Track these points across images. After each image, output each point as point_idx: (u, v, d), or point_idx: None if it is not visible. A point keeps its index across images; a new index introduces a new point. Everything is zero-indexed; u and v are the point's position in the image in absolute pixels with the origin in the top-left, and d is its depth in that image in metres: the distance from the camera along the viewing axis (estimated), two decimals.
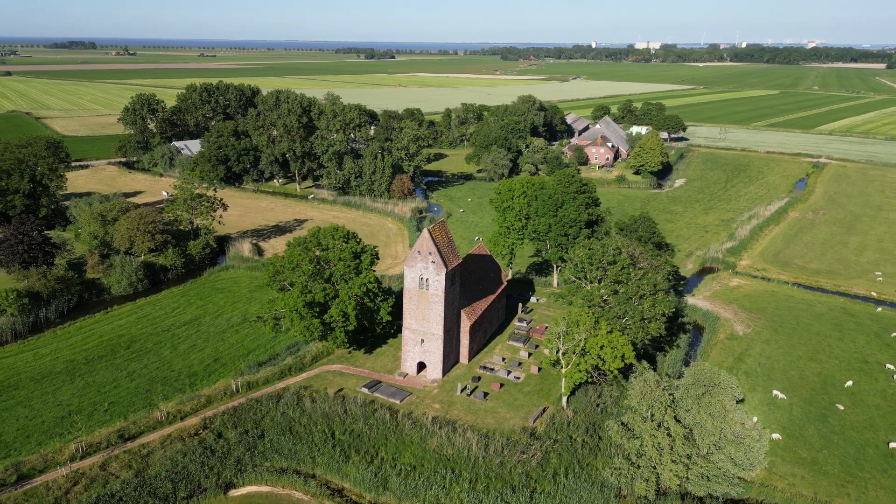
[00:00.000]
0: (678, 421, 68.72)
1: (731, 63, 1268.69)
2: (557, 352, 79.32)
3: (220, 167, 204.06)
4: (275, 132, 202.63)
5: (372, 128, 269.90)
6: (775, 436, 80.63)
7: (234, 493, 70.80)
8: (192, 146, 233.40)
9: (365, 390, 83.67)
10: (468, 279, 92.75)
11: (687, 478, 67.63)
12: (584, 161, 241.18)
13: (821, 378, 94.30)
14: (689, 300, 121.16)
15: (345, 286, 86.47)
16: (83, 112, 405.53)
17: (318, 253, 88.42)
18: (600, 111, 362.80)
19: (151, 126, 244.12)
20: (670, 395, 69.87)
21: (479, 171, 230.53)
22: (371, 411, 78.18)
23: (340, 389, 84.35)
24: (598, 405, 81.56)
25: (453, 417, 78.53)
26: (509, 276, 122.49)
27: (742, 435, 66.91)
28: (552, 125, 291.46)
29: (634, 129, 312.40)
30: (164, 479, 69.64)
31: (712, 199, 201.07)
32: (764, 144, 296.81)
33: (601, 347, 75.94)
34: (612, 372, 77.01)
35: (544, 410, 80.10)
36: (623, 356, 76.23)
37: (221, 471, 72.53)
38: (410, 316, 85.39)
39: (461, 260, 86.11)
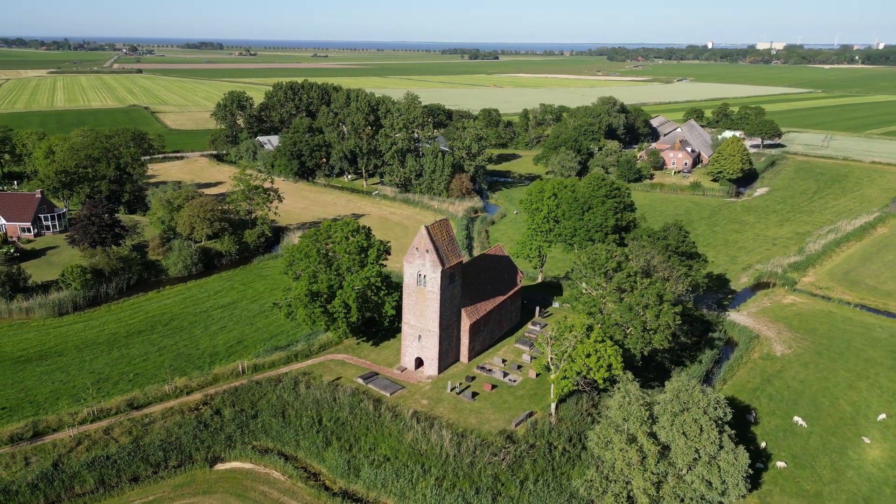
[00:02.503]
0: (654, 436, 65.62)
1: (862, 66, 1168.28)
2: (549, 357, 77.73)
3: (294, 161, 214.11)
4: (344, 129, 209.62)
5: (440, 128, 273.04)
6: (780, 464, 75.16)
7: (219, 466, 75.06)
8: (274, 141, 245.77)
9: (360, 381, 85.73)
10: (475, 278, 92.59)
11: (659, 497, 64.50)
12: (660, 165, 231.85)
13: (854, 408, 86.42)
14: (731, 315, 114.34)
15: (350, 278, 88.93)
16: (194, 108, 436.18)
17: (327, 245, 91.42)
18: (692, 114, 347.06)
19: (240, 121, 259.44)
20: (647, 410, 66.81)
21: (547, 173, 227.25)
22: (357, 401, 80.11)
23: (338, 378, 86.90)
24: (589, 414, 79.16)
25: (437, 414, 78.91)
26: (538, 280, 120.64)
27: (717, 457, 62.97)
28: (634, 128, 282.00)
29: (729, 134, 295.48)
30: (157, 447, 74.97)
31: (792, 211, 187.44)
32: (870, 154, 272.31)
33: (587, 355, 73.69)
34: (600, 381, 74.44)
35: (530, 415, 78.75)
36: (610, 366, 73.57)
37: (212, 445, 77.09)
38: (409, 311, 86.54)
39: (462, 259, 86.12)
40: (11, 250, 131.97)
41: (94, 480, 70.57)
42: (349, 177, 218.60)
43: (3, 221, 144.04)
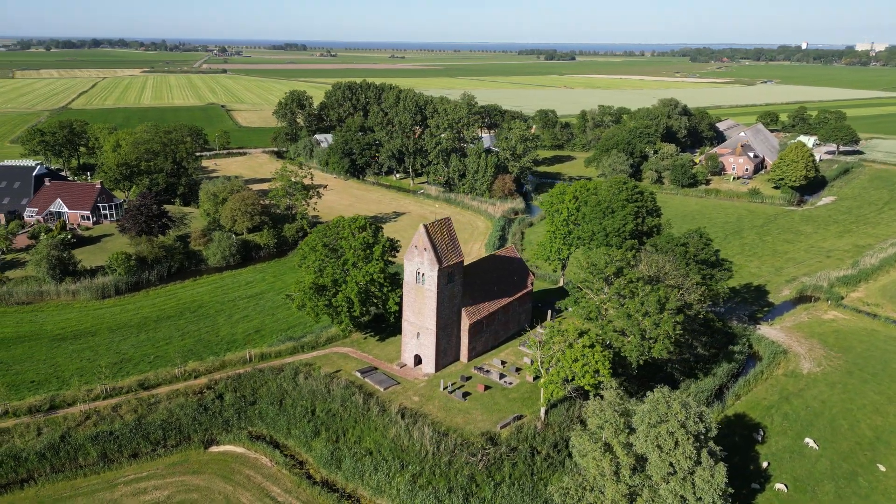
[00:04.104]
0: (630, 447, 63.58)
1: None
2: (538, 360, 76.66)
3: (345, 160, 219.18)
4: (392, 129, 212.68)
5: (493, 128, 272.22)
6: (780, 486, 71.20)
7: (213, 449, 78.26)
8: (330, 139, 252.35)
9: (358, 374, 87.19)
10: (480, 279, 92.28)
11: None
12: (719, 171, 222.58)
13: (875, 433, 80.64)
14: (762, 329, 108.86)
15: (354, 273, 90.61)
16: (266, 106, 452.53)
17: (336, 241, 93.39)
18: (766, 118, 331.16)
19: (300, 119, 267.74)
20: (625, 419, 64.79)
21: (598, 176, 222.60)
22: (349, 394, 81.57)
23: (338, 371, 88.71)
24: (581, 421, 77.38)
25: (426, 412, 79.30)
26: (560, 283, 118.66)
27: (694, 472, 60.37)
28: (697, 131, 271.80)
29: (804, 140, 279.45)
30: (158, 426, 78.95)
31: (856, 222, 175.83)
32: None
33: (574, 360, 72.19)
34: (586, 387, 72.75)
35: (518, 419, 77.88)
36: (597, 372, 71.78)
37: (209, 428, 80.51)
38: (409, 308, 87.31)
39: (462, 258, 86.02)
40: (69, 236, 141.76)
41: (97, 454, 75.09)
42: (397, 175, 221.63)
43: (66, 209, 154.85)
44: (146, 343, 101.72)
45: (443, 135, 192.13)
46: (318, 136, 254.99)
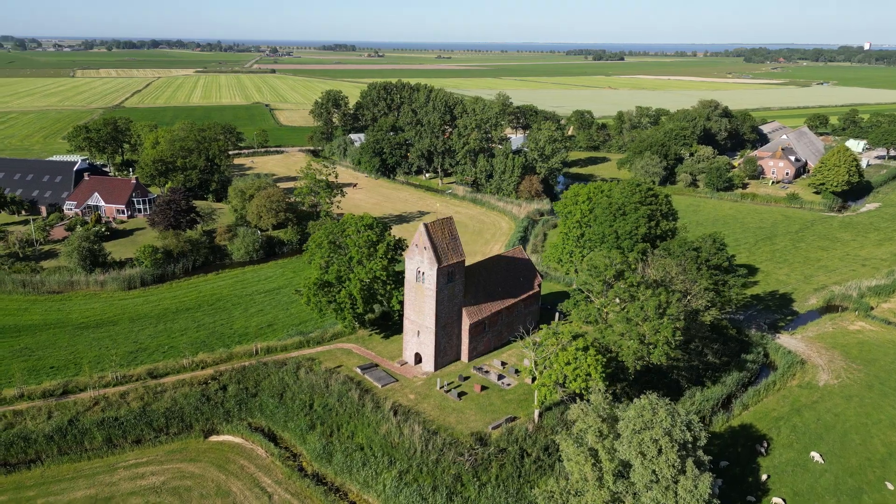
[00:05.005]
0: (613, 452, 62.46)
1: None
2: (532, 362, 76.06)
3: (376, 159, 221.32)
4: (422, 128, 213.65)
5: (527, 129, 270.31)
6: (777, 500, 68.87)
7: (212, 438, 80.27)
8: (362, 138, 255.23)
9: (358, 371, 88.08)
10: (484, 279, 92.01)
11: None
12: (757, 174, 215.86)
13: (888, 449, 77.12)
14: (782, 338, 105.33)
15: (358, 270, 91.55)
16: (308, 106, 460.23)
17: (341, 238, 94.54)
18: (815, 121, 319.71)
19: (335, 119, 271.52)
20: (610, 424, 63.66)
21: (632, 178, 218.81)
22: (346, 390, 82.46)
23: (339, 366, 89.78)
24: (570, 424, 76.40)
25: (420, 410, 79.56)
26: (573, 286, 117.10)
27: (677, 481, 58.91)
28: (738, 133, 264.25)
29: (854, 144, 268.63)
30: (161, 414, 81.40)
31: None
32: None
33: (566, 363, 71.32)
34: (577, 390, 71.77)
35: (511, 420, 77.38)
36: (588, 375, 70.74)
37: (210, 417, 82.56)
38: (409, 307, 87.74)
39: (464, 258, 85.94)
40: (103, 229, 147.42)
41: (102, 438, 77.92)
42: (427, 175, 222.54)
43: (102, 203, 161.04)
44: (162, 333, 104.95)
45: (471, 135, 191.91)
46: (352, 136, 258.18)
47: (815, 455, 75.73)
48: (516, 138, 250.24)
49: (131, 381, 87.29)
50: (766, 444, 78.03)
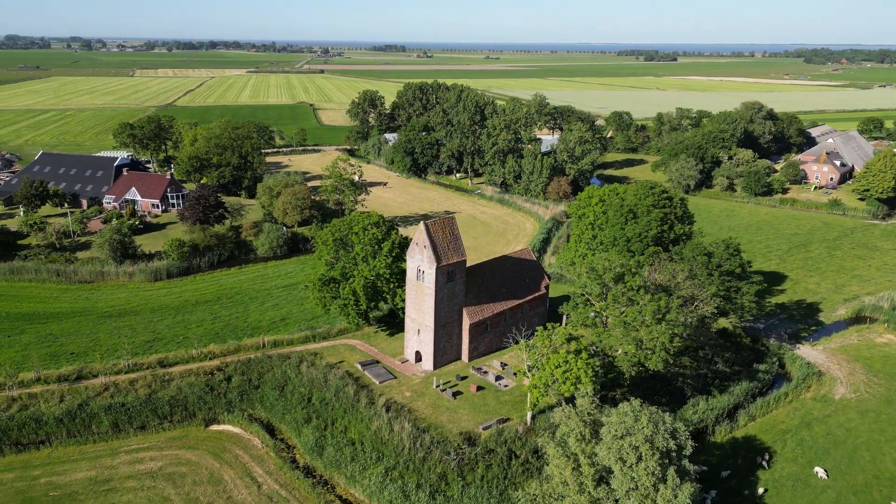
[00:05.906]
0: (594, 457, 61.47)
1: None
2: (529, 365, 75.47)
3: (407, 158, 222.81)
4: (452, 128, 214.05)
5: (561, 130, 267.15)
6: None
7: (212, 427, 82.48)
8: (397, 138, 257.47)
9: (358, 366, 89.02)
10: (487, 279, 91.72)
11: None
12: (799, 179, 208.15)
13: None
14: (801, 349, 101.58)
15: (361, 267, 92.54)
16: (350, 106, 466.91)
17: (348, 235, 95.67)
18: (869, 124, 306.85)
19: (371, 119, 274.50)
20: (592, 429, 62.69)
21: (666, 182, 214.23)
22: (343, 385, 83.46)
23: (340, 362, 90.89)
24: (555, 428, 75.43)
25: (413, 408, 79.91)
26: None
27: (657, 490, 57.61)
28: (783, 136, 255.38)
29: None
30: (166, 402, 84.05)
31: None
32: None
33: (557, 366, 70.54)
34: (566, 394, 70.85)
35: (503, 421, 76.95)
36: (578, 379, 69.78)
37: (213, 407, 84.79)
38: (410, 305, 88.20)
39: (465, 258, 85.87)
40: (136, 223, 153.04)
41: (109, 423, 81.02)
42: (457, 175, 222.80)
43: (139, 197, 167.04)
44: (179, 324, 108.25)
45: (500, 135, 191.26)
46: (387, 135, 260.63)
47: (819, 470, 72.84)
48: (550, 139, 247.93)
49: (142, 368, 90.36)
50: (767, 457, 75.44)
